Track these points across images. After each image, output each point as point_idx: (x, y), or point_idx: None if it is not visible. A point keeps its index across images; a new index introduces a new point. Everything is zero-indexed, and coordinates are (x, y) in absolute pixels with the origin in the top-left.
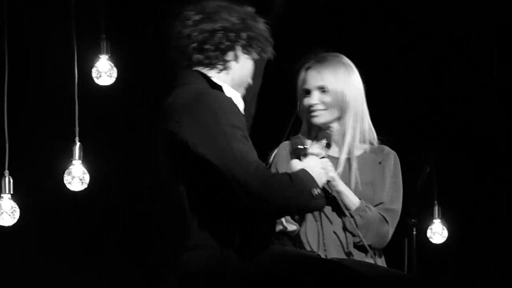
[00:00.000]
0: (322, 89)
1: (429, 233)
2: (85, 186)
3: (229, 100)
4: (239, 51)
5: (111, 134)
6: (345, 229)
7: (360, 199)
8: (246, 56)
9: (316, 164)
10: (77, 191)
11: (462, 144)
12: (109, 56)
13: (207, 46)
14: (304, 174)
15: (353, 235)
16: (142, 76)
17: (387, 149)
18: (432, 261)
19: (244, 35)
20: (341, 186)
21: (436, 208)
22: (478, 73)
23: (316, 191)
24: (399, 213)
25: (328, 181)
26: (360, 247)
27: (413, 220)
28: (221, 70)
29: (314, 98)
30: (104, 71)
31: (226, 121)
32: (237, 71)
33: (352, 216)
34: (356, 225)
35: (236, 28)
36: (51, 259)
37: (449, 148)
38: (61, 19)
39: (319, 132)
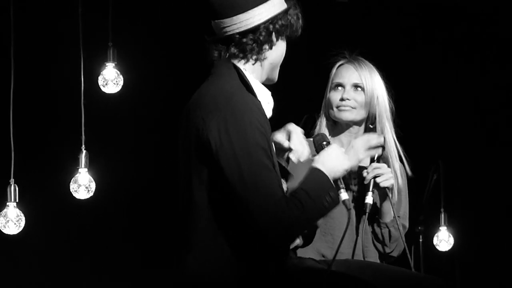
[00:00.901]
0: (357, 87)
1: (435, 241)
2: (91, 194)
3: (259, 108)
4: (274, 38)
5: (117, 142)
6: (377, 240)
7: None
8: (279, 40)
9: (336, 156)
10: (83, 199)
11: (469, 152)
12: (115, 64)
13: (244, 40)
14: (317, 180)
15: (375, 246)
16: (148, 84)
17: (398, 163)
18: (438, 269)
19: (280, 22)
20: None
21: (443, 215)
22: (485, 78)
23: (328, 199)
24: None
25: (388, 188)
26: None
27: (420, 228)
28: (256, 60)
29: (348, 94)
30: (111, 79)
31: (254, 141)
32: (272, 56)
33: (387, 227)
34: (390, 237)
35: (273, 18)
36: (56, 267)
37: (456, 155)
38: (68, 27)
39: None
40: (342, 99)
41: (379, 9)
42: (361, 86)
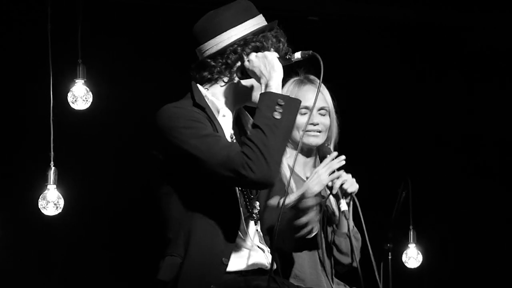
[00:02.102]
0: (323, 110)
1: (404, 258)
2: (60, 210)
3: (190, 110)
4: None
5: (86, 159)
6: (339, 251)
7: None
8: None
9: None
10: (51, 215)
11: (437, 169)
12: (85, 81)
13: (213, 63)
14: (262, 103)
15: (336, 258)
16: (117, 101)
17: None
18: (407, 286)
19: (251, 44)
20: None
21: (411, 232)
22: (453, 97)
23: (278, 109)
24: None
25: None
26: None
27: (388, 245)
28: (227, 82)
29: (317, 118)
30: (80, 96)
31: (189, 125)
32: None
33: (349, 237)
34: (352, 246)
35: (241, 40)
36: (24, 284)
37: (424, 173)
38: (37, 44)
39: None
40: (313, 124)
41: (351, 26)
42: (326, 109)
